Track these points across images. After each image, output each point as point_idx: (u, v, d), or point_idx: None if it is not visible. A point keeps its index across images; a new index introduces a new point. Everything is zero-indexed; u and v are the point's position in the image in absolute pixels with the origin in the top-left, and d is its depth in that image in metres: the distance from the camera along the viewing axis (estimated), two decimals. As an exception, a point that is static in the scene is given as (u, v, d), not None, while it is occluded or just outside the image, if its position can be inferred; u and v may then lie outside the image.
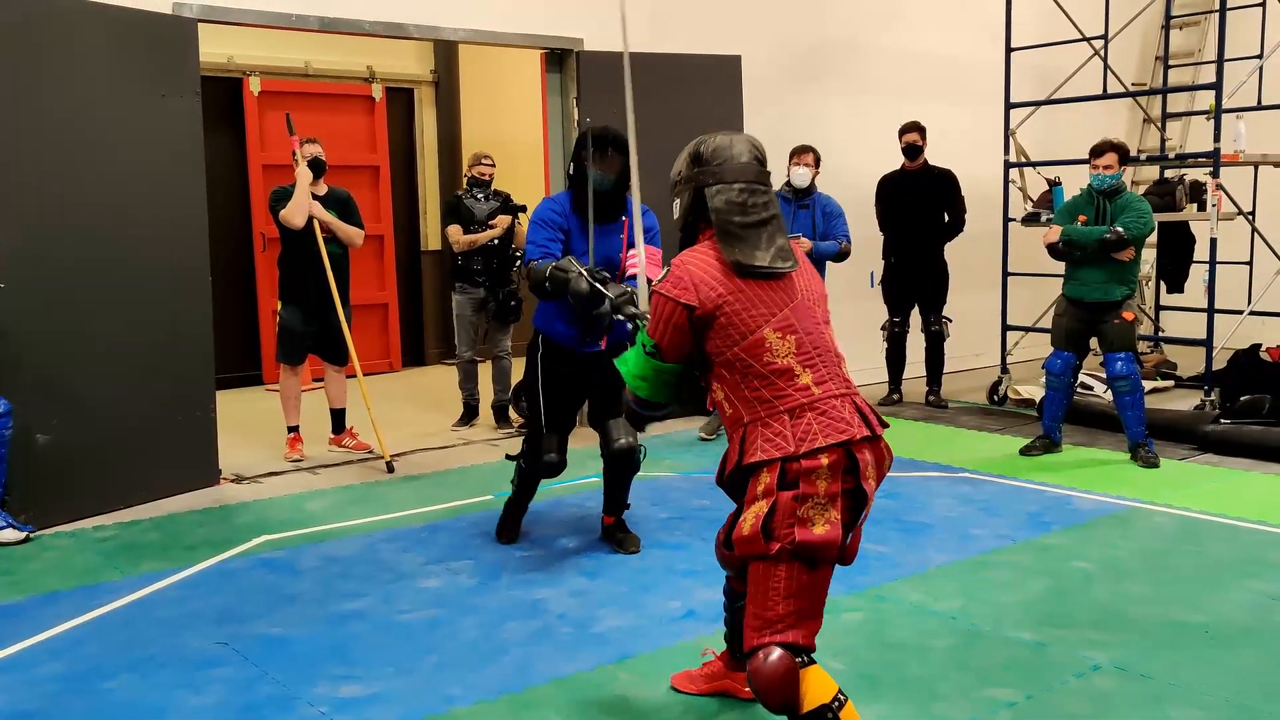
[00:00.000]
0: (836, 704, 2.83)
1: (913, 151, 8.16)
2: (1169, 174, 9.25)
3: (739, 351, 2.96)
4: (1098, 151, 6.51)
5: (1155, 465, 6.46)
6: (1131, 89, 9.79)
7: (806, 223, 7.13)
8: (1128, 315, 6.48)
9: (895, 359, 8.53)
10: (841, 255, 7.13)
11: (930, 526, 5.45)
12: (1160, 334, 9.84)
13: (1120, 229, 6.35)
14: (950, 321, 8.33)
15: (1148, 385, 8.78)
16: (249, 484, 6.55)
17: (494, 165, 7.83)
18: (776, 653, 2.84)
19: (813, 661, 2.90)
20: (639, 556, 5.09)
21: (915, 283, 8.28)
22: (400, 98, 10.63)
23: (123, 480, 6.02)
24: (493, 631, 4.23)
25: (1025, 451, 6.84)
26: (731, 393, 3.00)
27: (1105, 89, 8.23)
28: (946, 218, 8.19)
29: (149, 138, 6.04)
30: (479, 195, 7.73)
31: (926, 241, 8.21)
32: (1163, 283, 9.81)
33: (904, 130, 8.18)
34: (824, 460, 2.86)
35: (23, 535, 5.46)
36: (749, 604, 2.95)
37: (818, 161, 7.26)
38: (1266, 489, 6.04)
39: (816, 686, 2.84)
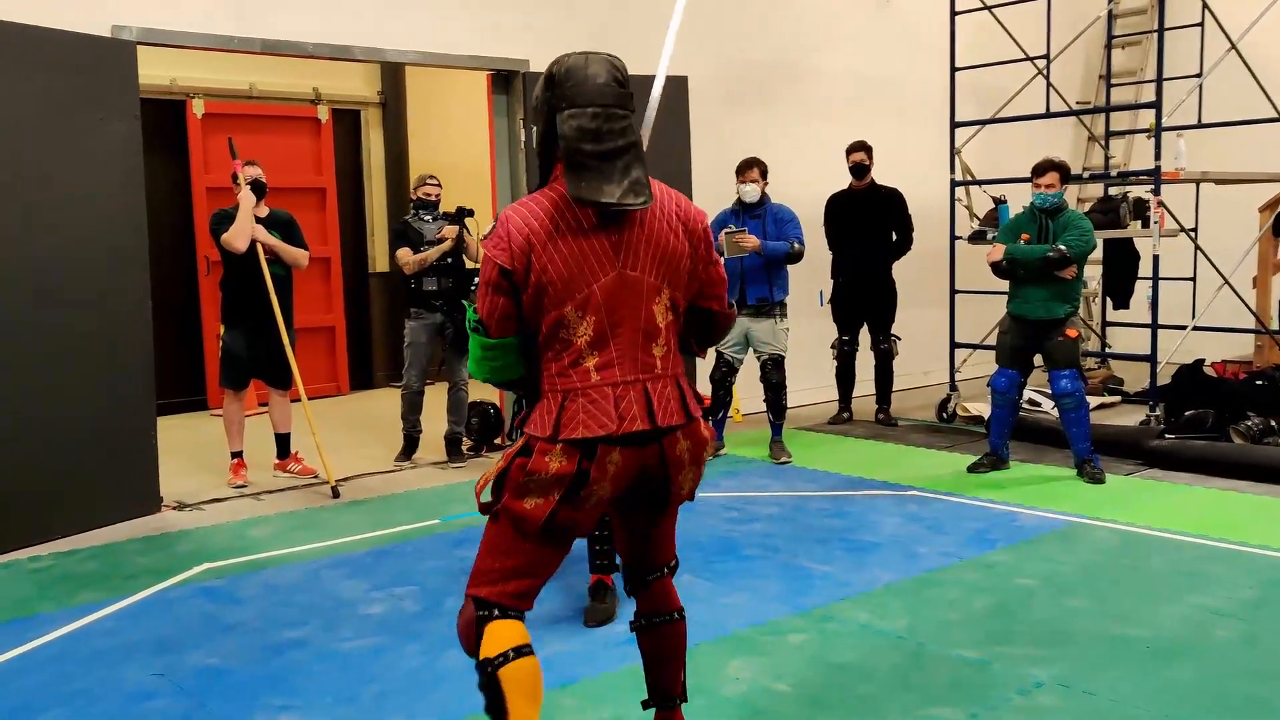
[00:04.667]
0: (500, 659, 2.77)
1: (860, 171, 8.22)
2: (1113, 191, 9.36)
3: (543, 325, 2.78)
4: (1040, 170, 6.57)
5: (1101, 481, 6.50)
6: (1075, 107, 9.93)
7: (757, 231, 7.14)
8: (1071, 332, 6.53)
9: (845, 377, 8.56)
10: (794, 256, 7.14)
11: (877, 545, 5.46)
12: (1107, 350, 9.95)
13: (1063, 247, 6.40)
14: (899, 340, 8.38)
15: (1095, 401, 8.88)
16: (191, 511, 6.46)
17: (440, 186, 7.62)
18: (468, 605, 2.86)
19: (504, 617, 2.82)
20: (584, 580, 5.03)
21: (864, 302, 8.32)
22: (347, 119, 10.57)
23: (61, 508, 5.91)
24: (435, 659, 4.17)
25: (973, 469, 6.87)
26: (541, 358, 2.86)
27: (1048, 108, 8.32)
28: (894, 237, 8.24)
29: (87, 161, 5.96)
30: (426, 217, 7.55)
31: (875, 260, 8.26)
32: (1109, 299, 9.92)
33: (851, 150, 8.24)
34: (552, 466, 2.75)
35: (-45, 567, 5.34)
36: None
37: (764, 174, 7.26)
38: (1208, 503, 6.10)
39: (491, 640, 2.79)
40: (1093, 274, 10.17)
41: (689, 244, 2.89)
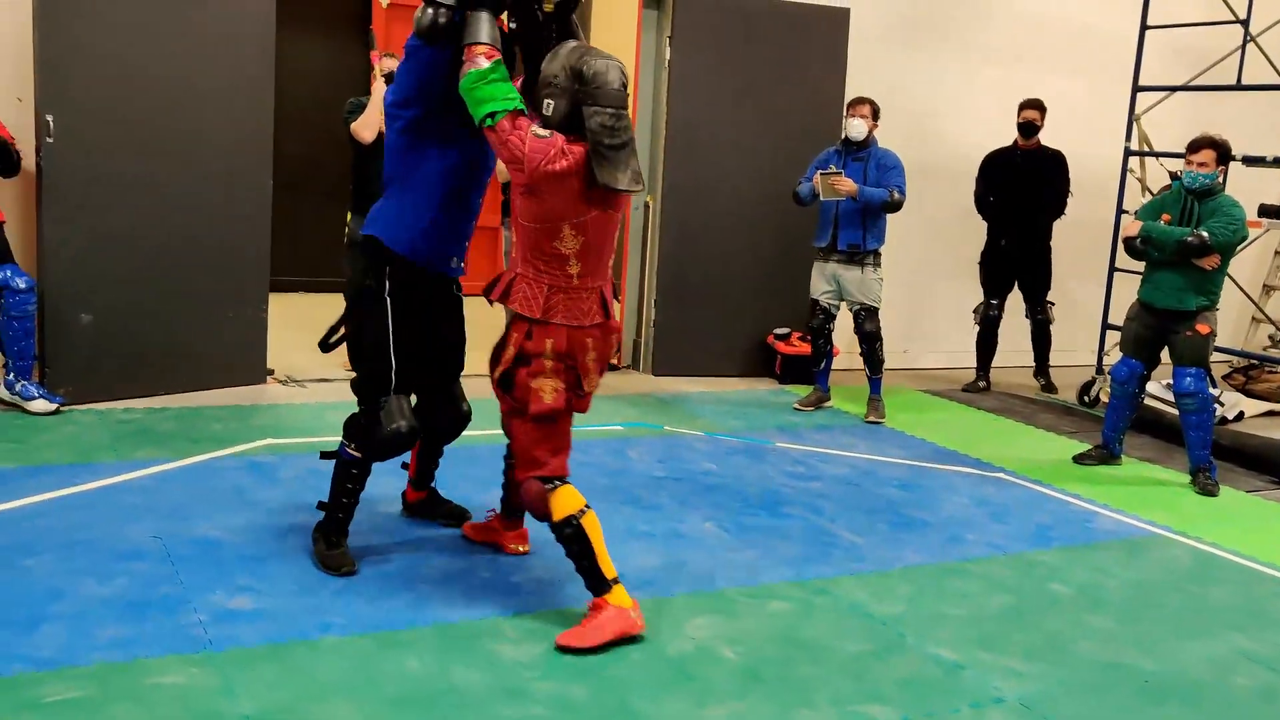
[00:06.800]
0: (580, 513, 3.67)
1: (1029, 129, 7.72)
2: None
3: (535, 226, 3.60)
4: (1194, 147, 5.95)
5: (1213, 494, 5.95)
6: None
7: (858, 175, 6.77)
8: (1202, 328, 5.93)
9: (986, 344, 8.15)
10: (893, 205, 6.74)
11: (925, 524, 5.17)
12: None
13: (1205, 233, 5.81)
14: (1054, 305, 8.05)
15: (1265, 406, 8.14)
16: (294, 387, 6.72)
17: None
18: (533, 484, 3.78)
19: (565, 483, 3.76)
20: (612, 513, 4.96)
21: (1017, 267, 7.97)
22: (527, 22, 10.56)
23: (168, 368, 6.28)
24: (415, 565, 4.22)
25: (1079, 459, 6.40)
26: (521, 244, 3.67)
27: (1239, 79, 7.44)
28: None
29: (219, 41, 6.20)
30: None
31: (1034, 224, 7.85)
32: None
33: (1024, 106, 7.77)
34: (548, 344, 3.66)
35: (54, 406, 5.75)
36: (514, 448, 3.91)
37: (876, 114, 6.87)
38: (1323, 537, 5.48)
39: (563, 502, 3.71)
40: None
41: None
